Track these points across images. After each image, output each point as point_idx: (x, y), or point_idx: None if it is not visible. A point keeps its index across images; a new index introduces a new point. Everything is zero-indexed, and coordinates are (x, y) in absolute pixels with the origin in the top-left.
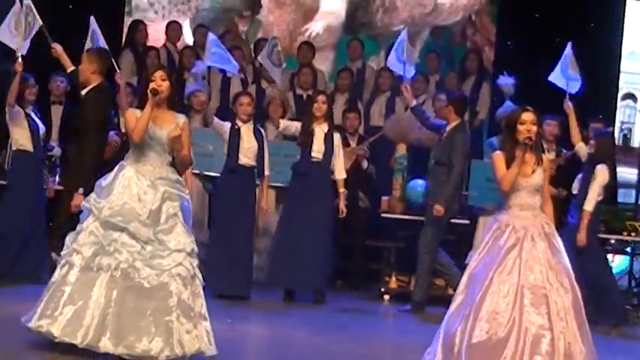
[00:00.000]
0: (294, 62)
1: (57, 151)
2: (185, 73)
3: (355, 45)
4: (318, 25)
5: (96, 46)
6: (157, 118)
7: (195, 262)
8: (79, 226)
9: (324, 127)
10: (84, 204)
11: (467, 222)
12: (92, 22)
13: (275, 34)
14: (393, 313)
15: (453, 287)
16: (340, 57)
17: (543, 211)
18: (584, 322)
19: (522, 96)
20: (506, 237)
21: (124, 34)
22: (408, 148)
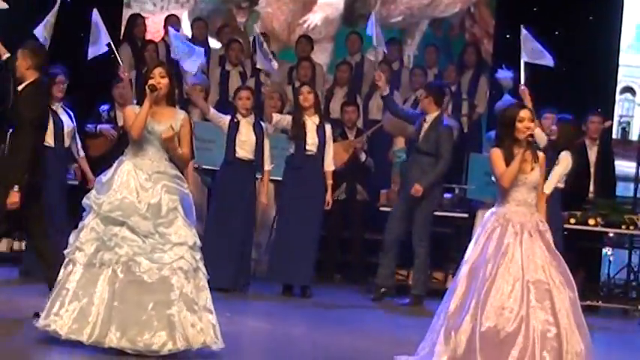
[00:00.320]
0: (293, 55)
1: None
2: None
3: (354, 38)
4: (316, 16)
5: (98, 42)
6: (155, 114)
7: (198, 255)
8: (80, 224)
9: (314, 119)
10: (85, 201)
11: (465, 216)
12: (95, 16)
13: (273, 25)
14: (392, 306)
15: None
16: (339, 49)
17: (537, 208)
18: (582, 317)
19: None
20: (505, 231)
21: (123, 27)
22: (406, 141)
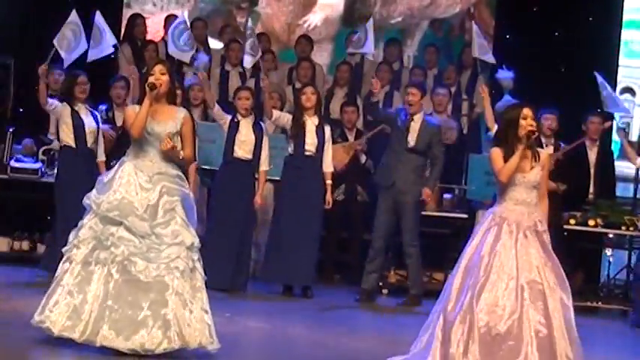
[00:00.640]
0: (293, 55)
1: (55, 144)
2: (184, 67)
3: None
4: (316, 17)
5: (101, 44)
6: (155, 113)
7: (195, 255)
8: (80, 222)
9: (314, 119)
10: (85, 200)
11: (465, 216)
12: (98, 18)
13: (273, 26)
14: (392, 307)
15: None
16: (339, 49)
17: (539, 208)
18: (572, 322)
19: (520, 90)
20: (501, 230)
21: (123, 28)
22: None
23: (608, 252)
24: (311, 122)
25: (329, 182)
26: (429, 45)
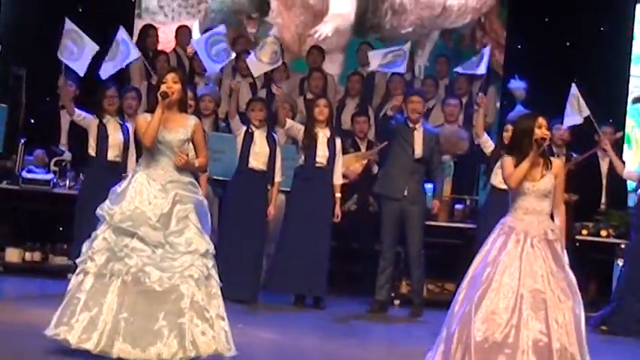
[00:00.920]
0: (304, 65)
1: (67, 155)
2: (196, 77)
3: (365, 49)
4: (327, 27)
5: (117, 58)
6: (167, 121)
7: (210, 262)
8: (93, 234)
9: (326, 131)
10: (98, 211)
11: (475, 227)
12: (121, 32)
13: (284, 36)
14: (403, 318)
15: None
16: (350, 59)
17: (556, 217)
18: (583, 334)
19: (532, 99)
20: (507, 239)
21: (134, 39)
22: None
23: (620, 262)
24: (323, 134)
25: (338, 195)
26: (439, 55)
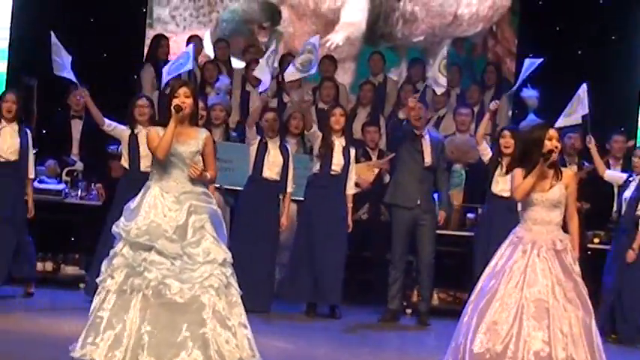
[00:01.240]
0: (316, 75)
1: (79, 165)
2: (207, 87)
3: (377, 58)
4: (338, 36)
5: (186, 71)
6: (179, 134)
7: (228, 271)
8: (111, 252)
9: (342, 140)
10: (114, 229)
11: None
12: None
13: (295, 45)
14: (415, 327)
15: None
16: (361, 68)
17: (568, 227)
18: (594, 341)
19: (544, 109)
20: (515, 250)
21: (146, 48)
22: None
23: None
24: (339, 143)
25: (350, 205)
26: (451, 64)
